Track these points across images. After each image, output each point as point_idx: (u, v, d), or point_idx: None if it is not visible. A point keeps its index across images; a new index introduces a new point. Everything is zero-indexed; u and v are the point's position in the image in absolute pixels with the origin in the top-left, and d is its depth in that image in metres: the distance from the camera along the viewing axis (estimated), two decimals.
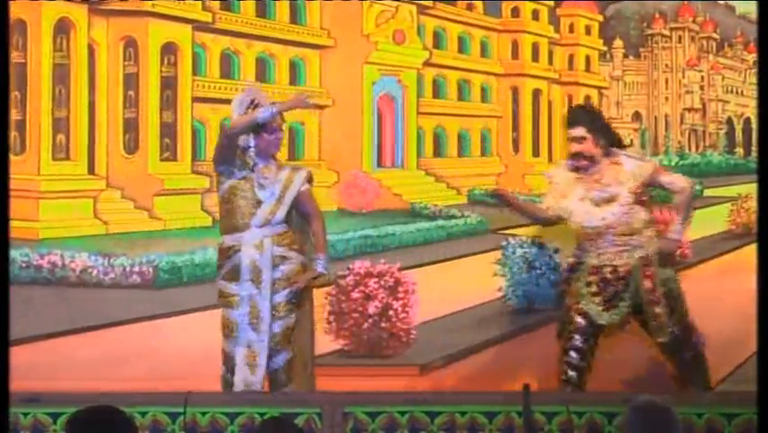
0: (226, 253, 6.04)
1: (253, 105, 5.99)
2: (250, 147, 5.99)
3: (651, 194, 6.53)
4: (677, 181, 6.49)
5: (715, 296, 7.76)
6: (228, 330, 6.00)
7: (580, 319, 6.40)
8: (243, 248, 5.97)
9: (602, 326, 6.44)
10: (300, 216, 6.17)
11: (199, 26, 8.15)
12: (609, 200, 6.45)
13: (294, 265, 6.02)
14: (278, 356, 6.01)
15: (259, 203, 5.99)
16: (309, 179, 6.19)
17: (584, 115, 6.62)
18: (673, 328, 6.39)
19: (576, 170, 6.51)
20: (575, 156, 6.47)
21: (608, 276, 6.42)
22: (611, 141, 6.54)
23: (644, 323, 6.43)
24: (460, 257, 8.21)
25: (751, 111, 8.72)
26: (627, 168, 6.45)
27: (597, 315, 6.40)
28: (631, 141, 8.73)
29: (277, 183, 6.01)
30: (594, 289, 6.43)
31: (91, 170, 8.02)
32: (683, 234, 6.57)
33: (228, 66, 8.26)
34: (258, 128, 5.97)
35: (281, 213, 6.01)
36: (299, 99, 6.08)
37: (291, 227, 6.09)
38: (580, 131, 6.46)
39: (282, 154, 8.33)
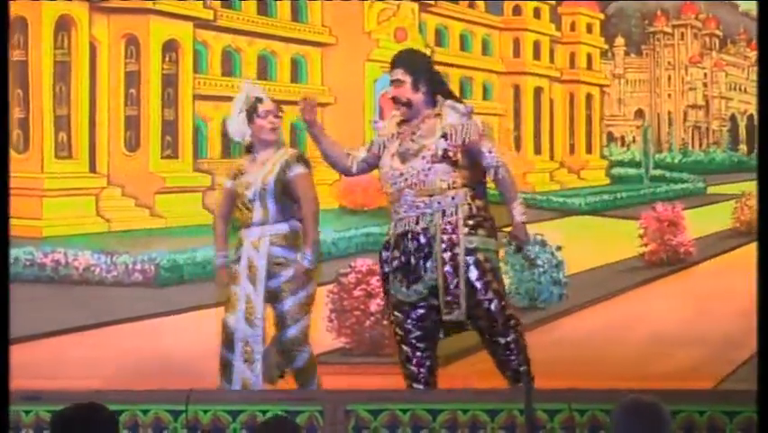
0: (236, 245, 6.04)
1: (249, 100, 5.96)
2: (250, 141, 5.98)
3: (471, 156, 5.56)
4: (495, 156, 5.53)
5: (718, 294, 7.76)
6: (227, 337, 5.96)
7: (395, 313, 5.63)
8: (245, 243, 5.97)
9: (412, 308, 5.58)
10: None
11: (200, 24, 8.16)
12: (415, 154, 5.60)
13: (293, 269, 5.94)
14: (300, 356, 6.00)
15: (250, 202, 5.95)
16: (300, 161, 5.93)
17: (406, 58, 5.76)
18: (486, 307, 5.52)
19: (402, 122, 5.71)
20: (393, 101, 5.68)
21: (408, 245, 5.56)
22: (437, 89, 5.70)
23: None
24: None
25: (754, 108, 8.71)
26: (448, 120, 5.58)
27: (399, 293, 5.60)
28: (634, 138, 8.73)
29: (257, 180, 5.93)
30: (395, 264, 5.60)
31: (92, 167, 8.03)
32: (524, 214, 5.60)
33: (229, 63, 8.26)
34: (251, 115, 5.93)
35: (272, 208, 5.92)
36: None
37: (291, 225, 5.98)
38: (397, 73, 5.65)
39: None
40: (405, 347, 5.75)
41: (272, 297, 5.89)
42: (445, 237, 5.53)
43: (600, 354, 6.53)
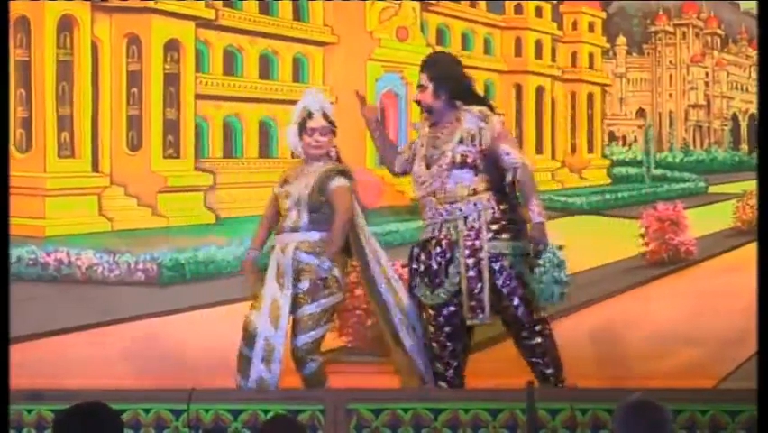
0: (270, 249, 6.15)
1: (306, 111, 6.07)
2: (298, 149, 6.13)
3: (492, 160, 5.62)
4: (513, 157, 5.59)
5: (719, 293, 7.77)
6: (248, 334, 5.96)
7: (426, 312, 5.76)
8: (276, 247, 6.08)
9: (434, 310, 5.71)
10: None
11: (202, 23, 8.16)
12: (436, 161, 5.70)
13: (315, 277, 6.00)
14: (309, 365, 6.02)
15: (288, 210, 6.05)
16: (342, 174, 6.09)
17: (430, 63, 5.86)
18: (503, 310, 5.64)
19: (430, 127, 5.81)
20: (418, 105, 5.84)
21: (432, 250, 5.70)
22: (461, 95, 5.76)
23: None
24: None
25: (755, 107, 8.71)
26: (465, 126, 5.69)
27: (424, 296, 5.75)
28: (635, 138, 8.73)
29: (299, 189, 6.04)
30: (421, 267, 5.75)
31: (95, 167, 8.04)
32: (542, 214, 5.58)
33: (231, 63, 8.26)
34: (301, 129, 6.07)
35: (305, 217, 6.02)
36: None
37: (322, 235, 6.03)
38: (421, 78, 5.78)
39: (285, 152, 8.38)
40: (433, 345, 5.82)
41: (293, 302, 5.95)
42: (468, 243, 5.61)
43: (602, 354, 6.54)
